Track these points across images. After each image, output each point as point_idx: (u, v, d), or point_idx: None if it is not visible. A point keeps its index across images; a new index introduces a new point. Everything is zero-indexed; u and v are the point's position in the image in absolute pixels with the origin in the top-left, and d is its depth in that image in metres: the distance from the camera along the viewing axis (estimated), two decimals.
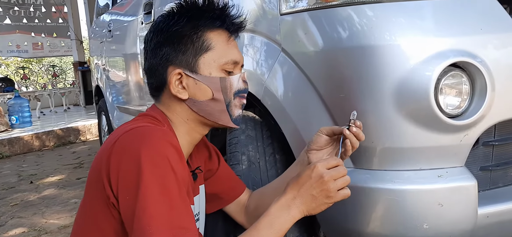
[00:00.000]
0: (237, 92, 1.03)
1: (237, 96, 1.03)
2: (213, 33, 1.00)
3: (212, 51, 0.99)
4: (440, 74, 0.99)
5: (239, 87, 1.03)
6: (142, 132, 0.89)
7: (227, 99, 1.01)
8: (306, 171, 0.93)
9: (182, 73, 0.99)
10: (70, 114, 8.19)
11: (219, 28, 1.01)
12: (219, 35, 1.01)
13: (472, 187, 1.05)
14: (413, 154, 1.07)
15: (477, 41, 1.02)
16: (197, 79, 0.99)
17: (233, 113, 1.03)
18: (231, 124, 1.04)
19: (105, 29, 3.60)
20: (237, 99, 1.03)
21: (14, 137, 5.61)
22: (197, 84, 0.99)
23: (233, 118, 1.04)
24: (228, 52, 1.01)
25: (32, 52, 10.45)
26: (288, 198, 0.93)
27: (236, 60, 1.03)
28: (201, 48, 0.99)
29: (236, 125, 1.05)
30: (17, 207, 3.20)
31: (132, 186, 0.83)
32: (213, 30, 1.00)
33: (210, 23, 1.00)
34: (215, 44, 1.00)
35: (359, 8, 1.07)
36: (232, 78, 1.01)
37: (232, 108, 1.02)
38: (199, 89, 1.00)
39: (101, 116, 4.26)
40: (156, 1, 2.33)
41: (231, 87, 1.01)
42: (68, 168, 4.43)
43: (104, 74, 3.77)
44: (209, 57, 0.99)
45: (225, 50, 1.01)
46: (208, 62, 0.99)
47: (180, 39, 0.99)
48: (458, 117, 1.04)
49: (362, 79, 1.06)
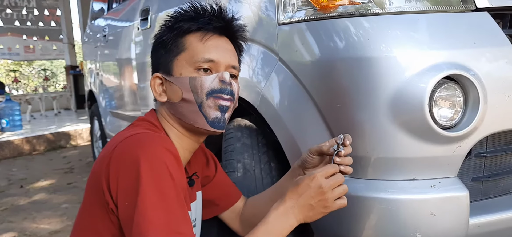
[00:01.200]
0: (211, 92, 0.98)
1: (211, 97, 0.98)
2: (189, 35, 1.02)
3: (185, 51, 1.01)
4: (434, 86, 1.01)
5: (213, 87, 0.98)
6: (140, 139, 0.90)
7: (199, 99, 0.98)
8: (305, 180, 0.94)
9: (160, 77, 1.03)
10: (61, 118, 8.12)
11: (198, 30, 1.02)
12: (194, 36, 1.02)
13: (464, 197, 1.07)
14: (407, 164, 1.09)
15: (471, 54, 1.05)
16: (170, 80, 1.01)
17: (208, 114, 0.99)
18: (208, 127, 0.99)
19: (99, 34, 3.59)
20: (211, 99, 0.98)
21: (4, 141, 5.55)
22: (171, 86, 1.01)
23: (209, 121, 0.99)
24: (202, 51, 1.00)
25: (24, 55, 10.37)
26: (287, 206, 0.94)
27: (211, 59, 0.99)
28: (177, 50, 1.01)
29: (214, 128, 1.00)
30: (7, 212, 3.17)
31: (131, 192, 0.84)
32: (191, 33, 1.02)
33: (189, 26, 1.01)
34: (189, 45, 1.01)
35: (356, 20, 1.09)
36: (204, 77, 0.98)
37: (206, 109, 0.98)
38: (173, 90, 1.01)
39: (93, 121, 4.23)
40: (152, 7, 2.34)
41: (202, 87, 0.98)
42: (58, 173, 4.39)
43: (98, 79, 3.76)
44: (182, 58, 1.01)
45: (198, 49, 1.00)
46: (180, 63, 1.01)
47: (163, 46, 1.03)
48: (452, 128, 1.06)
49: (358, 89, 1.08)
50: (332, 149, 1.01)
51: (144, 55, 2.43)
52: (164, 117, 1.05)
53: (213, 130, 1.00)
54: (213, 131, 1.01)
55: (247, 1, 1.44)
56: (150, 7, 2.36)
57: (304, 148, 1.21)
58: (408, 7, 1.08)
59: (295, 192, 0.95)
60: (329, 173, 0.94)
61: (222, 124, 1.01)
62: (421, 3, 1.09)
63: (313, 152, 1.07)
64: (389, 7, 1.08)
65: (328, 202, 0.93)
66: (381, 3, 1.08)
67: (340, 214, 1.14)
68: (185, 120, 1.01)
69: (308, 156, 1.08)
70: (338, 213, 1.11)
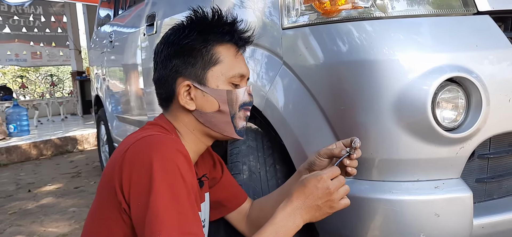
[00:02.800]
0: (243, 104, 1.06)
1: (242, 109, 1.06)
2: (222, 47, 1.04)
3: (221, 64, 1.03)
4: (437, 88, 1.02)
5: (245, 100, 1.06)
6: (153, 140, 0.92)
7: (233, 111, 1.04)
8: (311, 181, 0.96)
9: (190, 85, 1.03)
10: (68, 123, 8.19)
11: (228, 42, 1.05)
12: (227, 49, 1.05)
13: (468, 198, 1.09)
14: (411, 166, 1.10)
15: (473, 57, 1.06)
16: (204, 91, 1.02)
17: (237, 125, 1.06)
18: (235, 136, 1.07)
19: (106, 40, 3.63)
20: (242, 111, 1.06)
21: (12, 146, 5.60)
22: (205, 96, 1.03)
23: (237, 130, 1.07)
24: (236, 66, 1.05)
25: (31, 61, 10.47)
26: (294, 206, 0.96)
27: (243, 74, 1.06)
28: (210, 61, 1.02)
29: (240, 136, 1.09)
30: (16, 216, 3.20)
31: (144, 192, 0.86)
32: (222, 44, 1.04)
33: (220, 38, 1.03)
34: (223, 58, 1.03)
35: (359, 24, 1.11)
36: (238, 91, 1.04)
37: (236, 120, 1.06)
38: (206, 101, 1.03)
39: (100, 125, 4.27)
40: (158, 13, 2.37)
41: (237, 100, 1.04)
42: (65, 177, 4.43)
43: (104, 84, 3.80)
44: (217, 70, 1.03)
45: (232, 64, 1.04)
46: (216, 75, 1.03)
47: (190, 52, 1.02)
48: (454, 130, 1.07)
49: (362, 92, 1.09)
50: (344, 152, 1.03)
51: (150, 61, 2.46)
52: (184, 123, 1.06)
53: (239, 137, 1.09)
54: (238, 139, 1.10)
55: (252, 6, 1.46)
56: (156, 13, 2.39)
57: (309, 150, 1.23)
58: (410, 11, 1.10)
59: (302, 193, 0.96)
60: (335, 175, 0.96)
61: (244, 132, 1.10)
62: (423, 7, 1.10)
63: (322, 154, 1.09)
64: (392, 11, 1.10)
65: (334, 202, 0.95)
66: (383, 7, 1.10)
67: (345, 215, 1.16)
68: (215, 129, 1.06)
69: (316, 158, 1.10)
70: (343, 214, 1.13)
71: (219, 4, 1.53)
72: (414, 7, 1.11)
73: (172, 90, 1.04)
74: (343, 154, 1.03)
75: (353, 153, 1.02)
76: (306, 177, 0.98)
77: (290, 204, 0.97)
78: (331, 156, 1.08)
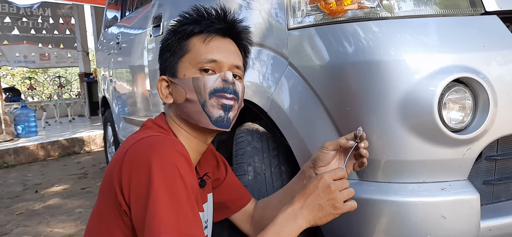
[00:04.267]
0: (213, 91, 1.01)
1: (214, 96, 1.01)
2: (193, 38, 1.05)
3: (189, 53, 1.04)
4: (443, 89, 1.01)
5: (216, 86, 1.01)
6: (152, 141, 0.92)
7: (202, 99, 1.01)
8: (313, 181, 0.96)
9: (166, 80, 1.06)
10: (75, 125, 8.24)
11: (200, 33, 1.05)
12: (197, 38, 1.05)
13: (475, 200, 1.07)
14: (417, 167, 1.09)
15: (480, 57, 1.05)
16: (175, 82, 1.04)
17: (211, 114, 1.01)
18: (212, 126, 1.01)
19: (113, 41, 3.65)
20: (213, 99, 1.01)
21: (19, 147, 5.65)
22: (176, 88, 1.04)
23: (213, 120, 1.01)
24: (205, 52, 1.03)
25: (39, 62, 10.57)
26: (295, 207, 0.95)
27: (214, 59, 1.02)
28: (181, 53, 1.04)
29: (218, 127, 1.02)
30: (22, 216, 3.22)
31: (143, 194, 0.86)
32: (194, 36, 1.05)
33: (192, 29, 1.04)
34: (192, 47, 1.04)
35: (365, 24, 1.10)
36: (206, 77, 1.01)
37: (209, 109, 1.01)
38: (178, 92, 1.04)
39: (107, 127, 4.29)
40: (164, 14, 2.37)
41: (205, 87, 1.00)
42: (72, 178, 4.45)
43: (111, 86, 3.82)
44: (185, 60, 1.04)
45: (200, 51, 1.03)
46: (184, 64, 1.04)
47: (168, 49, 1.06)
48: (461, 131, 1.06)
49: (368, 93, 1.09)
50: (351, 142, 1.04)
51: (157, 62, 2.46)
52: (172, 119, 1.08)
53: (217, 129, 1.03)
54: (217, 130, 1.04)
55: (257, 7, 1.46)
56: (162, 14, 2.40)
57: (314, 151, 1.22)
58: (417, 11, 1.09)
59: (304, 193, 0.96)
60: (337, 176, 0.96)
61: (226, 123, 1.03)
62: (430, 7, 1.10)
63: (327, 146, 1.08)
64: (398, 11, 1.09)
65: (337, 202, 0.94)
66: (390, 7, 1.09)
67: (350, 217, 1.15)
68: (190, 120, 1.04)
69: (321, 152, 1.09)
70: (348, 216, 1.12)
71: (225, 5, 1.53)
72: (421, 7, 1.10)
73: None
74: (351, 144, 1.04)
75: (360, 142, 1.03)
76: (309, 180, 0.98)
77: (291, 205, 0.96)
78: (337, 147, 1.07)
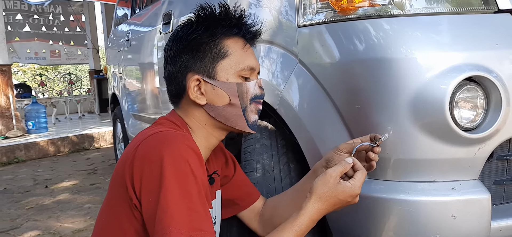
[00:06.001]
0: (253, 97, 1.06)
1: (253, 102, 1.06)
2: (230, 40, 1.04)
3: (229, 57, 1.03)
4: (455, 87, 1.00)
5: (255, 93, 1.06)
6: (164, 137, 0.92)
7: (244, 104, 1.05)
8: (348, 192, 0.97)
9: (200, 79, 1.03)
10: (85, 121, 8.31)
11: (236, 35, 1.05)
12: (235, 42, 1.05)
13: (486, 200, 1.06)
14: (427, 166, 1.08)
15: (493, 56, 1.04)
16: (214, 84, 1.03)
17: (249, 118, 1.06)
18: (248, 129, 1.07)
19: (123, 39, 3.67)
20: (253, 104, 1.06)
21: (30, 142, 5.71)
22: (215, 90, 1.03)
23: (249, 123, 1.07)
24: (245, 59, 1.05)
25: (50, 59, 10.67)
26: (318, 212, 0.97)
27: (253, 66, 1.06)
28: (219, 54, 1.03)
29: (252, 130, 1.09)
30: (33, 211, 3.26)
31: (154, 188, 0.86)
32: (230, 38, 1.05)
33: (227, 31, 1.04)
34: (232, 51, 1.04)
35: (376, 22, 1.10)
36: (249, 84, 1.05)
37: (248, 113, 1.06)
38: (217, 94, 1.03)
39: (116, 123, 4.32)
40: (174, 11, 2.38)
41: (248, 93, 1.04)
42: (82, 174, 4.49)
43: (121, 83, 3.84)
44: (226, 64, 1.03)
45: (241, 57, 1.05)
46: (225, 68, 1.03)
47: (198, 46, 1.03)
48: (473, 130, 1.05)
49: (378, 91, 1.08)
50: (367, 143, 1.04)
51: None
52: (195, 118, 1.07)
53: (251, 131, 1.09)
54: (251, 132, 1.10)
55: (268, 5, 1.46)
56: (172, 11, 2.40)
57: (324, 149, 1.22)
58: (429, 8, 1.08)
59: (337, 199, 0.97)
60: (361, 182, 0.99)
61: (256, 126, 1.10)
62: (442, 4, 1.08)
63: (342, 149, 1.08)
64: (409, 9, 1.08)
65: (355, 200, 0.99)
66: (401, 5, 1.08)
67: (360, 215, 1.14)
68: (226, 122, 1.06)
69: (335, 154, 1.09)
70: (357, 214, 1.12)
71: (236, 2, 1.53)
72: (433, 5, 1.09)
73: (182, 86, 1.05)
74: (366, 145, 1.04)
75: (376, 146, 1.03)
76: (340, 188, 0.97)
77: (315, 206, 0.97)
78: (351, 150, 1.07)
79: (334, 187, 0.96)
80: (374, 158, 1.04)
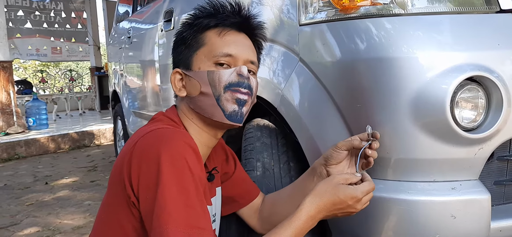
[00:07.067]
0: (228, 85, 1.00)
1: (229, 90, 1.00)
2: (209, 32, 1.05)
3: (204, 46, 1.03)
4: (456, 87, 1.00)
5: (231, 80, 1.00)
6: (161, 134, 0.92)
7: (216, 92, 1.00)
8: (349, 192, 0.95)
9: (180, 72, 1.06)
10: (86, 118, 8.31)
11: (216, 26, 1.04)
12: (213, 32, 1.05)
13: (486, 200, 1.06)
14: (427, 166, 1.08)
15: (494, 56, 1.04)
16: (189, 75, 1.04)
17: (225, 108, 1.00)
18: (225, 120, 1.01)
19: (124, 36, 3.67)
20: (228, 93, 1.00)
21: (30, 139, 5.71)
22: (190, 80, 1.04)
23: (227, 114, 1.00)
24: (221, 46, 1.02)
25: (51, 56, 10.69)
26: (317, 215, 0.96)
27: (229, 53, 1.02)
28: (196, 46, 1.04)
29: (231, 121, 1.01)
30: (32, 207, 3.26)
31: (152, 185, 0.86)
32: (210, 29, 1.05)
33: (207, 23, 1.04)
34: (208, 40, 1.04)
35: (377, 21, 1.09)
36: (222, 71, 1.00)
37: (223, 102, 1.00)
38: (191, 84, 1.04)
39: (117, 120, 4.32)
40: (176, 9, 2.38)
41: (220, 81, 1.00)
42: (82, 171, 4.49)
43: (122, 80, 3.84)
44: (201, 53, 1.03)
45: (215, 44, 1.03)
46: (199, 57, 1.03)
47: (183, 42, 1.06)
48: (473, 130, 1.05)
49: (379, 90, 1.08)
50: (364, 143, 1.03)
51: (167, 57, 2.47)
52: (183, 112, 1.07)
53: (230, 123, 1.01)
54: (230, 124, 1.02)
55: (269, 3, 1.45)
56: (174, 8, 2.40)
57: (324, 148, 1.22)
58: (430, 8, 1.08)
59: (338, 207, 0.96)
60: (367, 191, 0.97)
61: (240, 117, 1.02)
62: (444, 4, 1.08)
63: (340, 146, 1.07)
64: (411, 8, 1.08)
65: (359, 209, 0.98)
66: (403, 4, 1.08)
67: (359, 214, 1.14)
68: (204, 113, 1.03)
69: (334, 151, 1.08)
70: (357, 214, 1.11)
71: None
72: (435, 4, 1.08)
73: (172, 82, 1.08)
74: (364, 145, 1.03)
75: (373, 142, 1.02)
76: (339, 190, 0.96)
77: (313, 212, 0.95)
78: (350, 147, 1.06)
79: (335, 185, 0.96)
80: (371, 154, 1.03)
